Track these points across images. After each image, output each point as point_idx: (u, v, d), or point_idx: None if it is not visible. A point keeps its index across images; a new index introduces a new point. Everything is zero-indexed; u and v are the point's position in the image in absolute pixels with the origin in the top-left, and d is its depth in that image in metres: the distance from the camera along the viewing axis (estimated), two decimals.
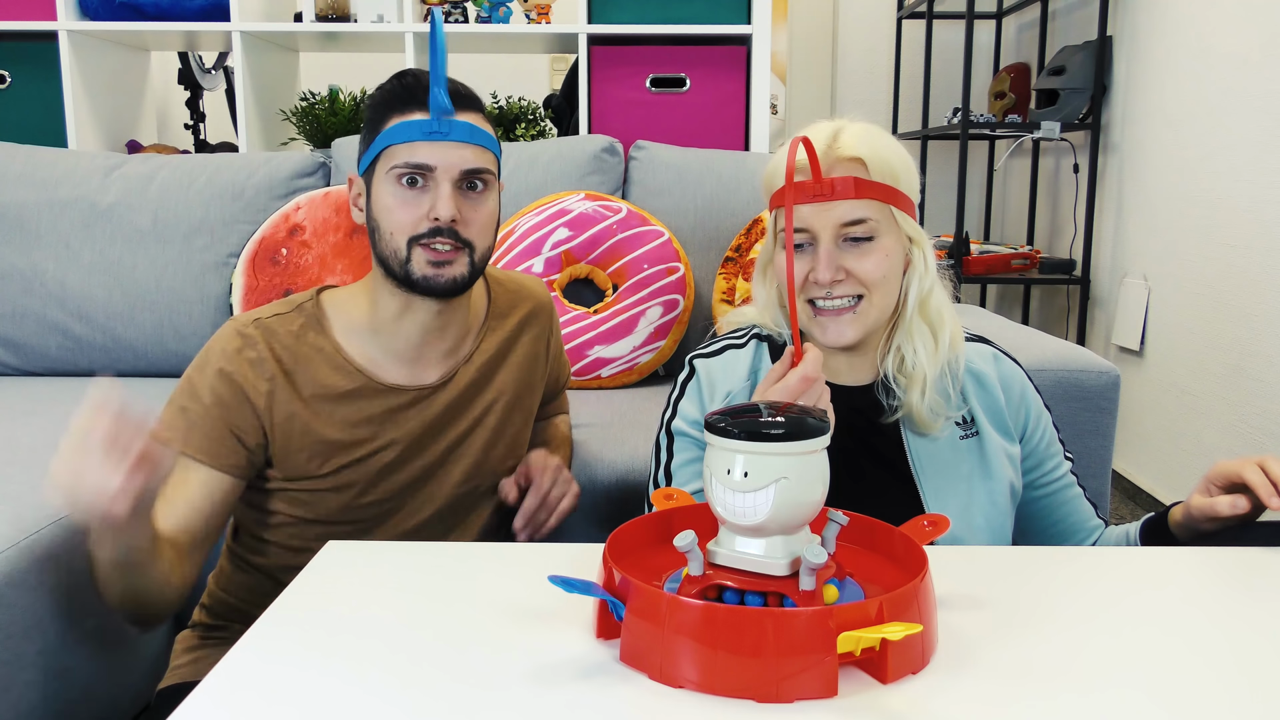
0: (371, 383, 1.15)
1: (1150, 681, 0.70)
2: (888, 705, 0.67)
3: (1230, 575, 0.90)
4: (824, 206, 1.03)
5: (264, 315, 1.14)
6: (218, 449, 1.09)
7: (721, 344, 1.17)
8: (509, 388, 1.25)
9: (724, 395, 1.12)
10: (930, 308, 1.10)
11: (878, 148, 1.05)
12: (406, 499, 1.20)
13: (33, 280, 1.93)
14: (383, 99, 1.12)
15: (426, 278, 1.09)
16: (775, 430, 0.72)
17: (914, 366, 1.08)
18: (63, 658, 1.19)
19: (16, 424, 1.57)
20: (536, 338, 1.30)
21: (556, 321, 1.36)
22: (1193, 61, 2.64)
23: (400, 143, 1.08)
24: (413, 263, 1.09)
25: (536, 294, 1.32)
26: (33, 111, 2.58)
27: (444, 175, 1.08)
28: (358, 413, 1.15)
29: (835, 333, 1.06)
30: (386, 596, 0.85)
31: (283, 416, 1.12)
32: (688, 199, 2.00)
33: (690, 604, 0.69)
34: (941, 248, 3.39)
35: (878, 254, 1.05)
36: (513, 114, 2.69)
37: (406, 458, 1.18)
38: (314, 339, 1.14)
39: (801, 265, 1.06)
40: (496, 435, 1.24)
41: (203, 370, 1.11)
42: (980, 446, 1.10)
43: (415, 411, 1.17)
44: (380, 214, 1.10)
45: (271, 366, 1.12)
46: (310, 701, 0.68)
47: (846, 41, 4.09)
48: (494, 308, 1.26)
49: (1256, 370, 2.35)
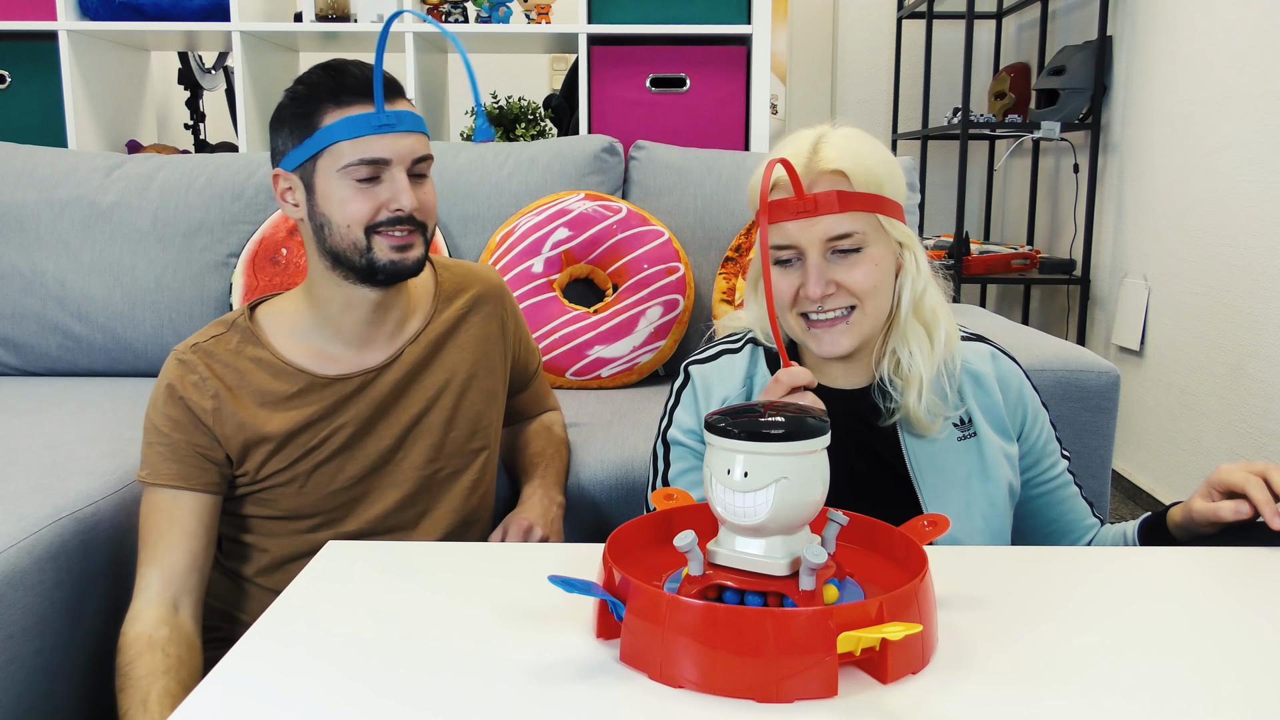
0: (315, 380, 1.18)
1: (1150, 681, 0.70)
2: (888, 705, 0.67)
3: (1230, 575, 0.90)
4: (809, 222, 1.03)
5: (201, 340, 1.19)
6: (191, 472, 1.15)
7: (717, 349, 1.17)
8: (462, 367, 1.26)
9: (720, 400, 1.12)
10: (924, 309, 1.09)
11: (859, 157, 1.04)
12: (370, 485, 1.21)
13: (33, 280, 1.93)
14: (311, 93, 1.10)
15: (392, 262, 1.12)
16: (775, 430, 0.72)
17: (910, 369, 1.08)
18: (63, 658, 1.19)
19: (16, 424, 1.57)
20: (488, 317, 1.31)
21: (512, 303, 1.37)
22: (1193, 61, 2.64)
23: (347, 139, 1.08)
24: (375, 251, 1.11)
25: (485, 277, 1.34)
26: (33, 111, 2.58)
27: (398, 166, 1.10)
28: (306, 408, 1.18)
29: (830, 344, 1.06)
30: (386, 597, 0.85)
31: (233, 428, 1.15)
32: (688, 199, 2.00)
33: (690, 604, 0.69)
34: (941, 248, 3.38)
35: (867, 264, 1.04)
36: (513, 114, 2.69)
37: (361, 439, 1.20)
38: (252, 351, 1.18)
39: (791, 280, 1.06)
40: (454, 415, 1.25)
41: (155, 405, 1.17)
42: (978, 447, 1.09)
43: (363, 394, 1.20)
44: (332, 209, 1.11)
45: (214, 384, 1.16)
46: (310, 702, 0.68)
47: (846, 41, 4.09)
48: (440, 290, 1.28)
49: (1256, 370, 2.35)
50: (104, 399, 1.73)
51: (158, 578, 1.11)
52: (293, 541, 1.20)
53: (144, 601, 1.10)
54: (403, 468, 1.23)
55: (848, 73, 4.10)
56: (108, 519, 1.28)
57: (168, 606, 1.11)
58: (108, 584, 1.27)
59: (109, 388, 1.83)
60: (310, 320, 1.19)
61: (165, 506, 1.14)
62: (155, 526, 1.13)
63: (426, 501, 1.25)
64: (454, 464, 1.26)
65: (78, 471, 1.33)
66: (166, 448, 1.15)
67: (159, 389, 1.17)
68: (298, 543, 1.20)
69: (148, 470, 1.15)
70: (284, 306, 1.21)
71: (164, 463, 1.14)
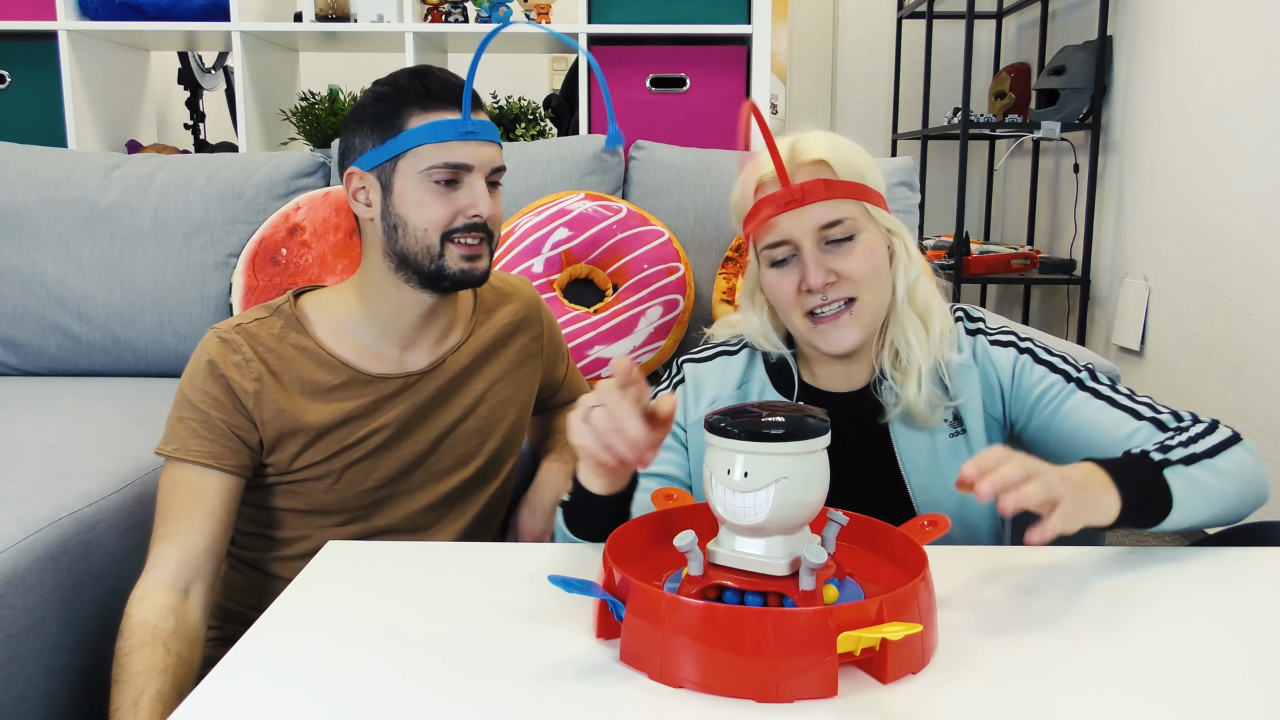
0: (358, 375, 1.18)
1: (1150, 681, 0.70)
2: (888, 705, 0.67)
3: (1230, 575, 0.90)
4: (798, 214, 1.03)
5: (245, 321, 1.17)
6: (223, 452, 1.12)
7: (715, 350, 1.17)
8: (501, 380, 1.28)
9: (710, 400, 1.12)
10: (919, 298, 1.09)
11: (838, 148, 1.06)
12: (399, 488, 1.21)
13: (33, 280, 1.93)
14: (397, 95, 1.12)
15: (463, 270, 1.14)
16: (775, 430, 0.72)
17: (908, 360, 1.08)
18: (63, 658, 1.19)
19: (16, 424, 1.57)
20: (528, 334, 1.33)
21: (549, 315, 1.39)
22: (1193, 61, 2.64)
23: (431, 143, 1.10)
24: (446, 258, 1.13)
25: (522, 290, 1.36)
26: (33, 111, 2.57)
27: (479, 173, 1.13)
28: (346, 403, 1.17)
29: (837, 338, 1.06)
30: (386, 596, 0.85)
31: (272, 413, 1.14)
32: (688, 199, 2.00)
33: (690, 604, 0.69)
34: (941, 248, 3.38)
35: (861, 251, 1.05)
36: (513, 114, 2.69)
37: (397, 442, 1.20)
38: (295, 339, 1.17)
39: (790, 279, 1.06)
40: (490, 426, 1.26)
41: (192, 380, 1.14)
42: (968, 445, 1.09)
43: (404, 397, 1.20)
44: (409, 211, 1.12)
45: (258, 367, 1.14)
46: (309, 702, 0.68)
47: (846, 41, 4.08)
48: (481, 302, 1.29)
49: (1256, 370, 2.35)
50: (104, 399, 1.73)
51: (175, 557, 1.09)
52: (319, 535, 1.19)
53: (155, 581, 1.08)
54: (433, 473, 1.23)
55: (848, 73, 4.10)
56: (108, 519, 1.28)
57: (178, 591, 1.08)
58: (108, 584, 1.27)
59: (109, 388, 1.83)
60: (358, 317, 1.19)
61: (191, 484, 1.11)
62: (178, 504, 1.11)
63: (451, 505, 1.25)
64: (483, 473, 1.27)
65: (78, 471, 1.33)
66: (201, 424, 1.12)
67: (198, 364, 1.15)
68: (323, 536, 1.19)
69: (175, 445, 1.12)
70: (330, 300, 1.21)
71: (195, 440, 1.12)
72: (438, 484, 1.23)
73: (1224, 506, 0.96)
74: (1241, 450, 0.98)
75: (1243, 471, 0.97)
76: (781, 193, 1.02)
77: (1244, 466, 0.97)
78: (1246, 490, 0.97)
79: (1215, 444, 0.97)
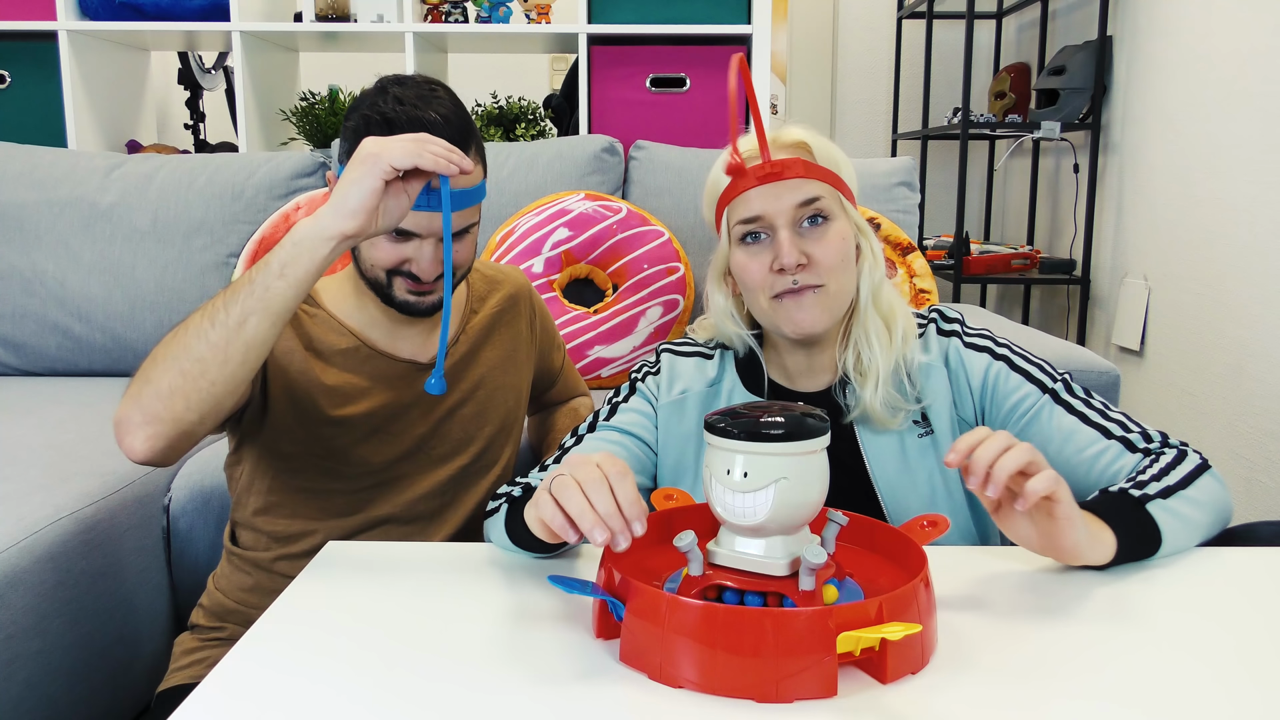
0: (365, 345, 1.20)
1: (1150, 682, 0.70)
2: (887, 705, 0.67)
3: (1230, 575, 0.90)
4: (775, 191, 1.04)
5: None
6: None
7: (693, 348, 1.18)
8: (494, 363, 1.30)
9: (679, 391, 1.14)
10: (883, 300, 1.10)
11: (818, 137, 1.09)
12: (402, 469, 1.23)
13: (33, 280, 1.93)
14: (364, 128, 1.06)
15: (408, 302, 1.15)
16: (775, 430, 0.72)
17: (869, 362, 1.08)
18: (63, 658, 1.19)
19: (16, 424, 1.57)
20: (518, 317, 1.36)
21: (539, 301, 1.42)
22: (1193, 61, 2.64)
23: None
24: (393, 289, 1.14)
25: (513, 277, 1.38)
26: (32, 111, 2.58)
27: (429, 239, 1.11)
28: (353, 369, 1.20)
29: (801, 317, 1.05)
30: (386, 597, 0.85)
31: (282, 350, 1.16)
32: (688, 199, 2.00)
33: (690, 604, 0.69)
34: (941, 248, 3.39)
35: (833, 236, 1.05)
36: (513, 114, 2.69)
37: (397, 424, 1.21)
38: (307, 307, 1.21)
39: (761, 259, 1.06)
40: (486, 410, 1.29)
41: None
42: (935, 445, 1.09)
43: (405, 382, 1.22)
44: (362, 244, 1.12)
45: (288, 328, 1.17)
46: (309, 702, 0.68)
47: (846, 41, 4.08)
48: (473, 292, 1.32)
49: (1256, 370, 2.35)
50: (104, 399, 1.73)
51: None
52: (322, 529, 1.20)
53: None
54: (433, 457, 1.25)
55: (848, 73, 4.10)
56: (107, 519, 1.28)
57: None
58: (108, 584, 1.27)
59: (109, 388, 1.83)
60: (354, 304, 1.22)
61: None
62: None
63: (455, 492, 1.27)
64: (481, 459, 1.29)
65: (78, 471, 1.34)
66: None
67: None
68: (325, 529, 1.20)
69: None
70: (330, 284, 1.25)
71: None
72: (438, 468, 1.25)
73: (1201, 536, 0.97)
74: (1210, 479, 0.99)
75: (1216, 502, 0.98)
76: (760, 166, 1.03)
77: (1216, 497, 0.99)
78: (1217, 521, 0.99)
79: (1187, 474, 0.98)
